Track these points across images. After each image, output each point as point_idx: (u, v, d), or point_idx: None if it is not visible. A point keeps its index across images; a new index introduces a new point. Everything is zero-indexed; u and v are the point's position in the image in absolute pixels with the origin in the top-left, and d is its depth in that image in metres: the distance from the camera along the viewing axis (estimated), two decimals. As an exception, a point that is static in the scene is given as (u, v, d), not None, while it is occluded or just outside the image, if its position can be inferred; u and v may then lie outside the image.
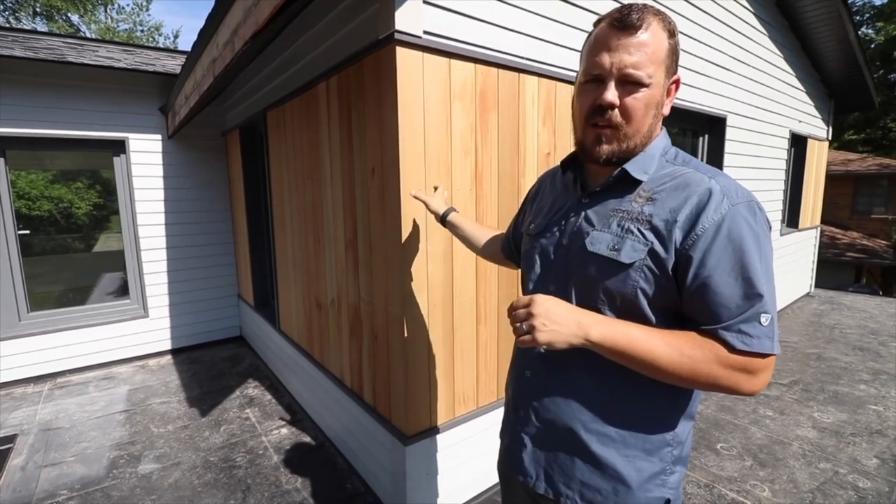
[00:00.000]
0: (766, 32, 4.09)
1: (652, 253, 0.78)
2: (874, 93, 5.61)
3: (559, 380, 0.91)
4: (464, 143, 1.85)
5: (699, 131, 3.65)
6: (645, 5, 0.79)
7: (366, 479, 2.26)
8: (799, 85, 4.91)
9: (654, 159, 0.86)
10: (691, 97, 3.24)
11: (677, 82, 0.86)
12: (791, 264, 5.49)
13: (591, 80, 0.83)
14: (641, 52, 0.78)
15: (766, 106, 4.28)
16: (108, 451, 2.62)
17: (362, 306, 2.10)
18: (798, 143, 5.29)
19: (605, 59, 0.80)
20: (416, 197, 1.62)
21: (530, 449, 0.96)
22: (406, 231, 1.72)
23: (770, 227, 0.80)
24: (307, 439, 2.72)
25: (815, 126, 5.52)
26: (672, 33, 0.82)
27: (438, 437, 1.93)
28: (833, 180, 13.06)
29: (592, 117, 0.83)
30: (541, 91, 2.12)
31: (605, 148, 0.84)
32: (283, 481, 2.32)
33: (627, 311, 0.81)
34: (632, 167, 0.84)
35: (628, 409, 0.85)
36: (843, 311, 5.48)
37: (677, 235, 0.77)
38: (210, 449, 2.63)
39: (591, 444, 0.86)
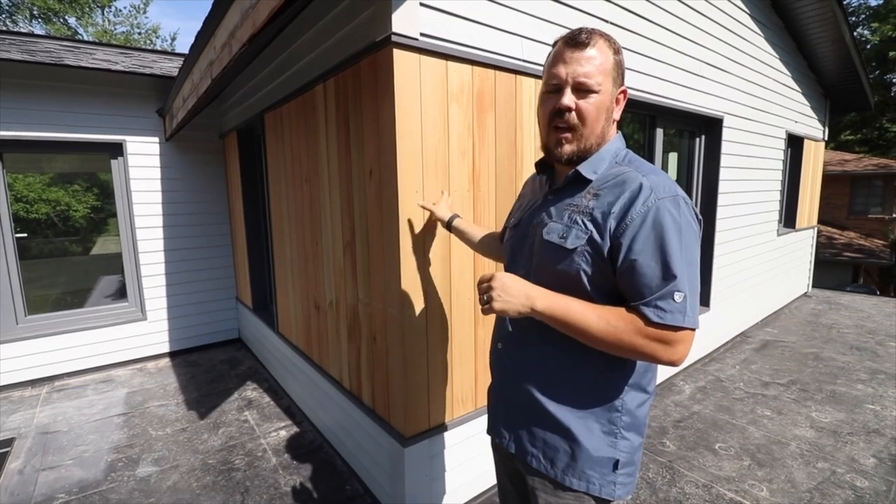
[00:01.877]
0: (761, 34, 4.11)
1: (591, 240, 0.92)
2: (870, 93, 5.62)
3: (522, 350, 1.06)
4: (461, 145, 1.85)
5: (696, 132, 3.66)
6: (593, 28, 0.95)
7: (365, 480, 2.26)
8: (795, 86, 4.93)
9: (605, 161, 0.99)
10: (688, 98, 3.26)
11: (624, 93, 1.00)
12: (788, 264, 5.50)
13: (551, 90, 0.98)
14: (591, 64, 0.93)
15: (763, 107, 4.29)
16: (106, 454, 2.61)
17: (361, 308, 2.10)
18: (794, 144, 5.31)
19: (562, 70, 0.95)
20: (422, 206, 1.73)
21: (502, 413, 1.11)
22: (404, 233, 1.72)
23: (698, 220, 0.93)
24: (306, 441, 2.71)
25: (812, 126, 5.54)
26: (617, 51, 0.96)
27: (437, 438, 1.94)
28: (830, 180, 13.11)
29: (554, 120, 0.98)
30: (537, 92, 2.12)
31: (567, 148, 0.98)
32: (281, 483, 2.32)
33: (573, 288, 0.94)
34: (583, 168, 0.98)
35: (579, 375, 0.98)
36: (840, 311, 5.50)
37: (611, 224, 0.90)
38: (208, 451, 2.62)
39: (549, 406, 1.00)
